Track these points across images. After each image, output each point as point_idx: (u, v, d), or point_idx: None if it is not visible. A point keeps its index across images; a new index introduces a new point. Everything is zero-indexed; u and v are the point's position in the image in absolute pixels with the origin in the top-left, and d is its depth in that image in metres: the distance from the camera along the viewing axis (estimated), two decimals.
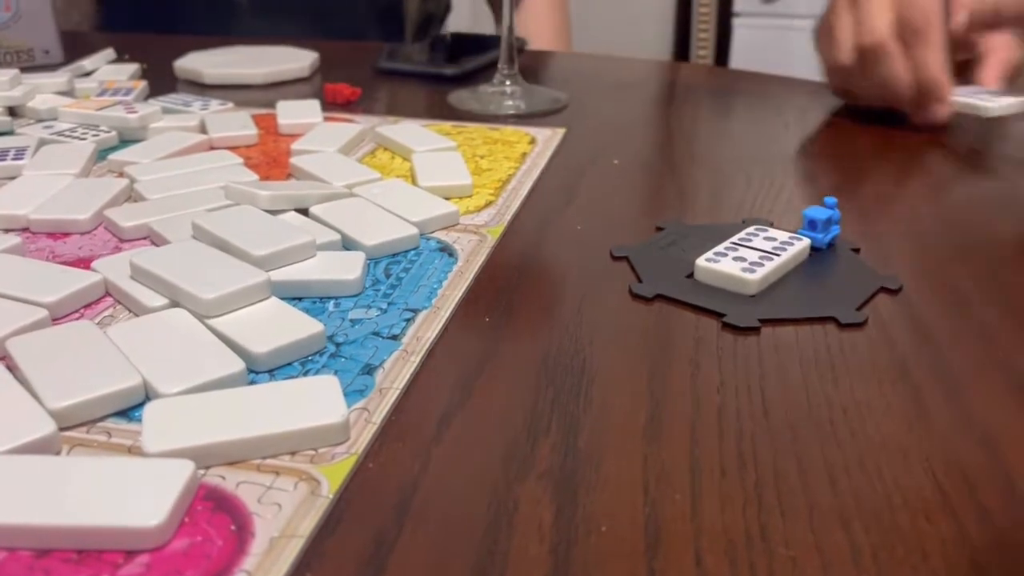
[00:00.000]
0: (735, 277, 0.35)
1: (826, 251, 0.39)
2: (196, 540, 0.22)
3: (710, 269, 0.36)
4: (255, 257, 0.34)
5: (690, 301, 0.35)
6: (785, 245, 0.37)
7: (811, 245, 0.38)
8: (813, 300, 0.35)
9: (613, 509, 0.24)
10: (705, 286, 0.36)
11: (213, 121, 0.55)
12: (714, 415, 0.28)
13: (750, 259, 0.36)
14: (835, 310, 0.34)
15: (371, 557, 0.22)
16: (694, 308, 0.34)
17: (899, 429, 0.27)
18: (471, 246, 0.39)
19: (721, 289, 0.35)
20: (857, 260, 0.38)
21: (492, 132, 0.56)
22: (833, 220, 0.39)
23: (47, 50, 0.67)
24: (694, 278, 0.36)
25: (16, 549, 0.22)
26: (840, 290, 0.36)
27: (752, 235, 0.38)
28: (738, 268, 0.35)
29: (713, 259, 0.36)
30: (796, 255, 0.37)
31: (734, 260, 0.36)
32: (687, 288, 0.36)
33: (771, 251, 0.37)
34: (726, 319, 0.33)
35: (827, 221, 0.39)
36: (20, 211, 0.41)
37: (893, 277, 0.37)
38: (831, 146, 0.56)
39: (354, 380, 0.29)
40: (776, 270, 0.36)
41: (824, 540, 0.23)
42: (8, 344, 0.29)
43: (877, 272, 0.37)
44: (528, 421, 0.27)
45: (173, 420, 0.26)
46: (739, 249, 0.37)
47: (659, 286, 0.36)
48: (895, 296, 0.35)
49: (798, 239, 0.38)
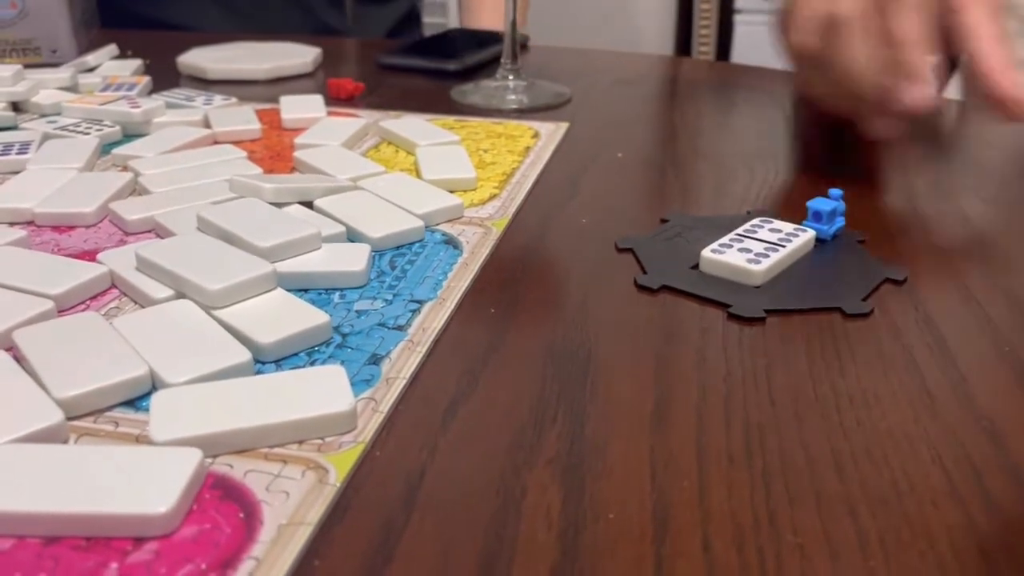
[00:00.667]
0: (740, 268, 0.35)
1: (831, 242, 0.39)
2: (204, 527, 0.22)
3: (715, 260, 0.36)
4: (261, 249, 0.34)
5: (695, 292, 0.35)
6: (790, 236, 0.37)
7: (816, 236, 0.38)
8: (819, 291, 0.35)
9: (621, 496, 0.24)
10: (710, 277, 0.36)
11: (217, 116, 0.55)
12: (721, 404, 0.28)
13: (755, 250, 0.36)
14: (840, 301, 0.34)
15: (379, 544, 0.22)
16: (699, 299, 0.34)
17: (905, 418, 0.27)
18: (476, 238, 0.39)
19: (726, 280, 0.35)
20: (862, 251, 0.38)
21: (496, 126, 0.56)
22: (838, 212, 0.39)
23: (55, 49, 0.67)
24: (699, 269, 0.36)
25: (25, 536, 0.22)
26: (846, 281, 0.36)
27: (757, 227, 0.38)
28: (743, 259, 0.35)
29: (718, 250, 0.36)
30: (801, 246, 0.37)
31: (739, 251, 0.36)
32: (692, 279, 0.36)
33: (776, 242, 0.37)
34: (732, 310, 0.33)
35: (832, 212, 0.39)
36: (25, 204, 0.41)
37: (899, 268, 0.36)
38: (834, 138, 0.56)
39: (360, 370, 0.29)
40: (781, 261, 0.36)
41: (831, 526, 0.23)
42: (15, 335, 0.29)
43: (882, 263, 0.37)
44: (534, 410, 0.27)
45: (181, 409, 0.26)
46: (744, 240, 0.37)
47: (664, 277, 0.36)
48: (902, 286, 0.35)
49: (803, 230, 0.38)
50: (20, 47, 0.67)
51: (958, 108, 0.63)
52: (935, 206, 0.45)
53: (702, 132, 0.58)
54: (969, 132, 0.59)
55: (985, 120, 0.59)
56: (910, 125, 0.46)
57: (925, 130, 0.59)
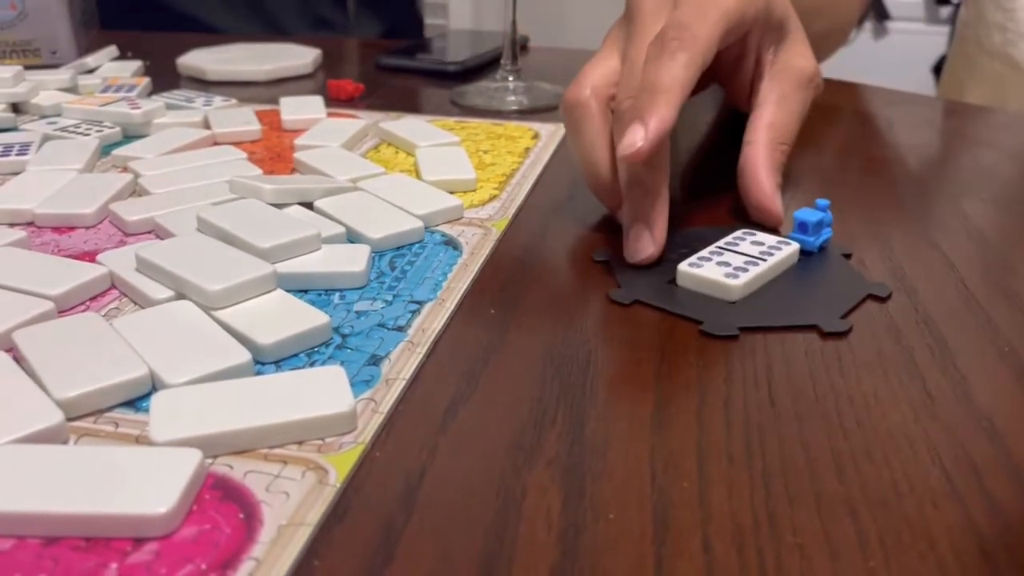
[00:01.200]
0: (717, 283, 0.34)
1: (816, 256, 0.38)
2: (204, 528, 0.22)
3: (692, 274, 0.34)
4: (261, 249, 0.34)
5: (668, 308, 0.33)
6: (772, 250, 0.36)
7: (802, 248, 0.37)
8: (797, 307, 0.34)
9: (621, 496, 0.24)
10: (687, 292, 0.35)
11: (217, 117, 0.55)
12: (720, 405, 0.28)
13: (734, 264, 0.35)
14: (818, 318, 0.33)
15: (379, 545, 0.22)
16: (673, 315, 0.33)
17: (905, 419, 0.27)
18: (476, 239, 0.39)
19: (703, 295, 0.34)
20: (847, 265, 0.37)
21: (495, 127, 0.56)
22: (824, 223, 0.38)
23: (54, 50, 0.67)
24: (676, 283, 0.35)
25: (25, 537, 0.22)
26: (827, 297, 0.35)
27: (739, 239, 0.37)
28: (721, 273, 0.34)
29: (696, 264, 0.35)
30: (783, 260, 0.36)
31: (718, 265, 0.35)
32: (667, 294, 0.34)
33: (757, 256, 0.36)
34: (703, 327, 0.32)
35: (818, 224, 0.38)
36: (25, 205, 0.41)
37: (882, 285, 0.35)
38: (829, 147, 0.56)
39: (360, 371, 0.29)
40: (761, 275, 0.35)
41: (831, 527, 0.23)
42: (15, 336, 0.29)
43: (866, 279, 0.36)
44: (534, 411, 0.27)
45: (181, 410, 0.26)
46: (724, 253, 0.36)
47: (638, 291, 0.35)
48: (901, 287, 0.35)
49: (786, 243, 0.37)
50: (20, 48, 0.67)
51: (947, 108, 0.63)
52: (933, 207, 0.45)
53: (698, 133, 0.58)
54: (966, 132, 0.59)
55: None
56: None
57: (918, 130, 0.59)
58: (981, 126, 0.60)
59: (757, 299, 0.34)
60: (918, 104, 0.66)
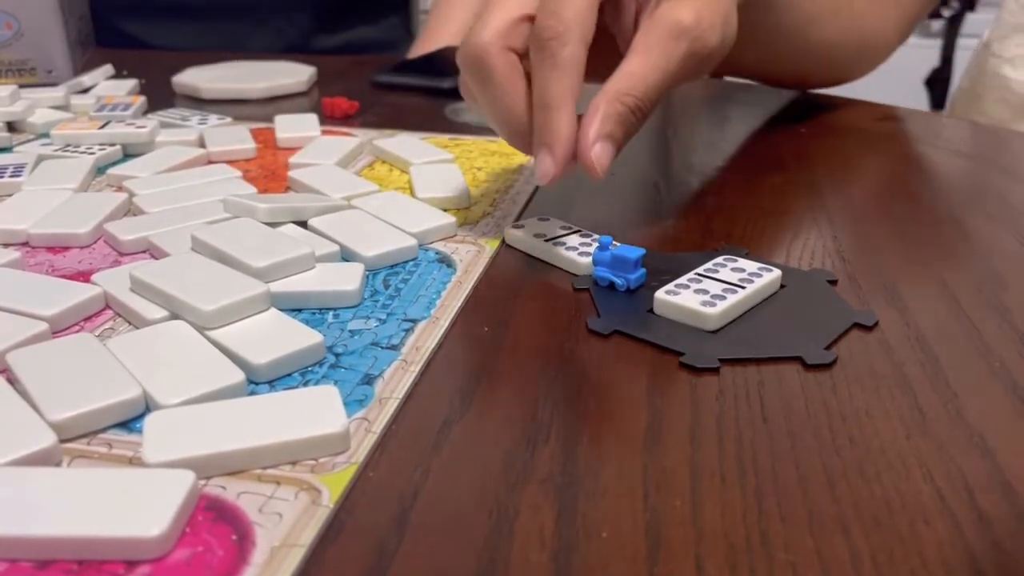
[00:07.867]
0: (694, 311, 0.33)
1: (800, 282, 0.37)
2: (197, 550, 0.22)
3: (669, 302, 0.34)
4: (254, 269, 0.34)
5: (647, 339, 0.32)
6: (752, 277, 0.35)
7: (612, 284, 0.36)
8: (780, 337, 0.33)
9: (614, 515, 0.24)
10: (666, 321, 0.34)
11: (211, 135, 0.55)
12: (713, 422, 0.28)
13: (712, 291, 0.34)
14: (802, 349, 0.32)
15: (372, 566, 0.22)
16: (653, 346, 0.32)
17: (897, 435, 0.27)
18: (469, 257, 0.40)
19: (682, 324, 0.33)
20: (832, 292, 0.36)
21: (489, 144, 0.57)
22: (629, 260, 0.35)
23: (51, 69, 0.67)
24: (654, 312, 0.34)
25: (18, 560, 0.22)
26: (811, 326, 0.33)
27: (720, 265, 0.36)
28: (698, 301, 0.33)
29: (673, 291, 0.34)
30: (765, 287, 0.35)
31: (695, 293, 0.34)
32: (647, 324, 0.33)
33: (736, 283, 0.35)
34: (684, 359, 0.31)
35: (636, 261, 0.36)
36: (19, 225, 0.41)
37: (869, 312, 0.34)
38: (821, 163, 0.56)
39: (354, 390, 0.29)
40: (740, 303, 0.34)
41: (824, 545, 0.23)
42: (8, 357, 0.29)
43: (851, 306, 0.35)
44: (527, 430, 0.28)
45: (174, 431, 0.26)
46: (703, 281, 0.35)
47: (617, 321, 0.34)
48: (893, 304, 0.36)
49: (768, 270, 0.36)
50: (16, 67, 0.67)
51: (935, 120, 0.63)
52: (924, 222, 0.45)
53: (696, 149, 0.59)
54: (954, 146, 0.60)
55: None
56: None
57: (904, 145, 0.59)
58: (989, 147, 0.61)
59: (739, 328, 0.33)
60: (913, 120, 0.66)
